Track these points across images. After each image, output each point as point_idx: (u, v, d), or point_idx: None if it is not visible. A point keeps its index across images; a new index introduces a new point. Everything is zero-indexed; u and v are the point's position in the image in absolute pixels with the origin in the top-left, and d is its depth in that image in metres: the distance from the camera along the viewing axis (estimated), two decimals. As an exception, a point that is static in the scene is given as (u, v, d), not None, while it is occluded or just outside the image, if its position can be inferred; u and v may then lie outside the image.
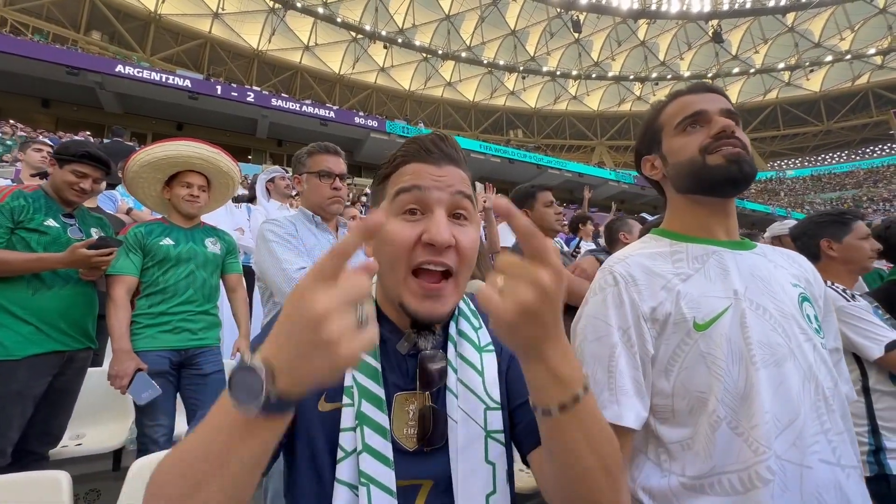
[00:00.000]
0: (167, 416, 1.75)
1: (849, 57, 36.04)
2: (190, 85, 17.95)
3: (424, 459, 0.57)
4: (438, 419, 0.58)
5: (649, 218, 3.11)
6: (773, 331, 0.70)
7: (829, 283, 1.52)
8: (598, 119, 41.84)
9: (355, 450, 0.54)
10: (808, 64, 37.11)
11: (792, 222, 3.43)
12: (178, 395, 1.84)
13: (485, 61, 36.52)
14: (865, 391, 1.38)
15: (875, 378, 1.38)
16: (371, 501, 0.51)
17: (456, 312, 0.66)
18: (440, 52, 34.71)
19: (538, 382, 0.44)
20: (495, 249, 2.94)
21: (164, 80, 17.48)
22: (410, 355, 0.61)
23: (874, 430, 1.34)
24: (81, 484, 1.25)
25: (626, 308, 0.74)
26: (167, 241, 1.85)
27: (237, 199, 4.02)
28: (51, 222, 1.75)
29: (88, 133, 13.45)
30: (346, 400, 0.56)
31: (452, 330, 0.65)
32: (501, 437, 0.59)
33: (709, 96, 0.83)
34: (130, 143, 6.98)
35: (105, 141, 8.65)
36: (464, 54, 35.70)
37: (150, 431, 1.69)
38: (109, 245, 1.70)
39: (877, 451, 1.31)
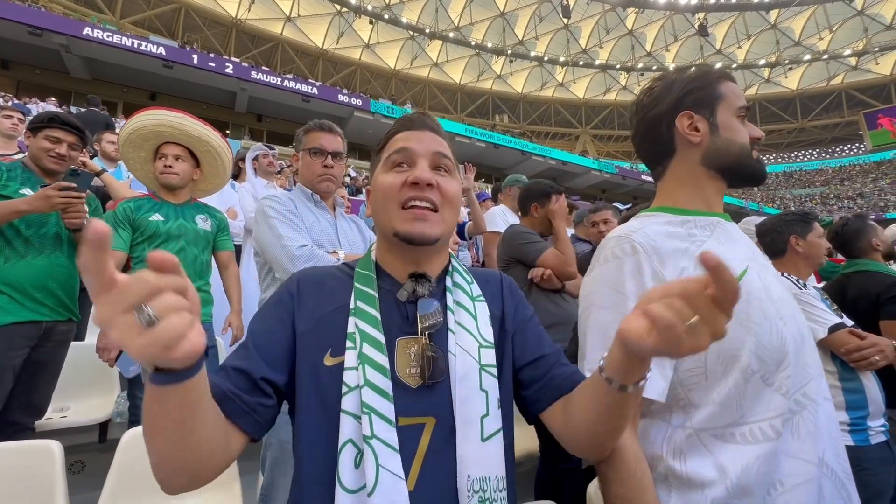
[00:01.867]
0: None
1: (826, 57, 37.05)
2: (164, 52, 17.06)
3: (427, 395, 0.64)
4: (437, 357, 0.65)
5: (622, 207, 3.21)
6: (780, 290, 0.77)
7: (784, 274, 1.67)
8: (583, 107, 41.98)
9: (358, 385, 0.60)
10: (787, 62, 37.98)
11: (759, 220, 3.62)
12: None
13: (473, 43, 35.93)
14: None
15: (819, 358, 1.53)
16: (373, 428, 0.57)
17: (450, 268, 0.76)
18: (427, 30, 33.92)
19: (629, 367, 0.51)
20: (480, 230, 2.98)
21: (136, 45, 16.55)
22: (410, 302, 0.69)
23: None
24: (67, 455, 1.28)
25: (646, 277, 0.73)
26: (157, 217, 1.83)
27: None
28: (27, 191, 1.71)
29: (53, 99, 12.69)
30: (348, 344, 0.63)
31: (448, 283, 0.74)
32: (493, 370, 0.67)
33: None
34: (105, 113, 6.64)
35: (80, 110, 8.20)
36: (451, 34, 34.99)
37: (142, 403, 1.71)
38: (81, 178, 1.68)
39: None
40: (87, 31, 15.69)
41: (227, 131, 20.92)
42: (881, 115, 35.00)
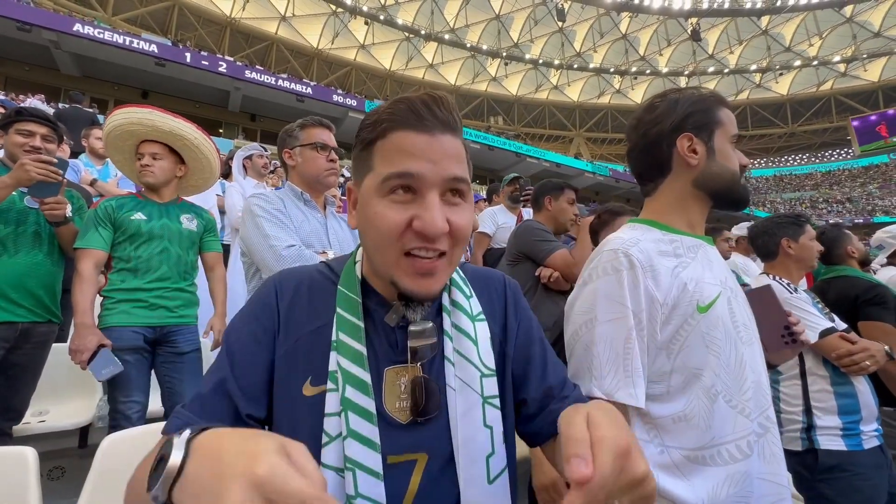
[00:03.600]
0: (141, 393, 1.71)
1: (815, 63, 37.59)
2: (157, 50, 16.89)
3: (418, 431, 0.57)
4: (431, 390, 0.57)
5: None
6: (745, 314, 0.83)
7: (776, 277, 1.68)
8: (577, 110, 42.21)
9: (340, 434, 0.53)
10: (778, 67, 38.49)
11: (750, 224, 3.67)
12: (152, 372, 1.81)
13: (468, 45, 35.99)
14: (802, 374, 1.54)
15: (811, 362, 1.54)
16: (357, 485, 0.50)
17: (448, 283, 0.64)
18: (423, 32, 33.93)
19: None
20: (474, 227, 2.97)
21: (128, 43, 16.36)
22: (400, 327, 0.60)
23: (807, 410, 1.50)
24: (45, 461, 1.23)
25: (641, 292, 0.76)
26: (139, 216, 1.79)
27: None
28: None
29: (42, 96, 12.51)
30: (330, 385, 0.55)
31: (445, 300, 0.64)
32: (496, 401, 0.61)
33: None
34: (90, 110, 6.53)
35: (62, 106, 8.06)
36: (447, 36, 35.03)
37: (122, 408, 1.66)
38: (59, 164, 1.67)
39: (808, 429, 1.48)
40: (77, 27, 15.49)
41: (221, 130, 20.76)
42: (882, 123, 35.57)
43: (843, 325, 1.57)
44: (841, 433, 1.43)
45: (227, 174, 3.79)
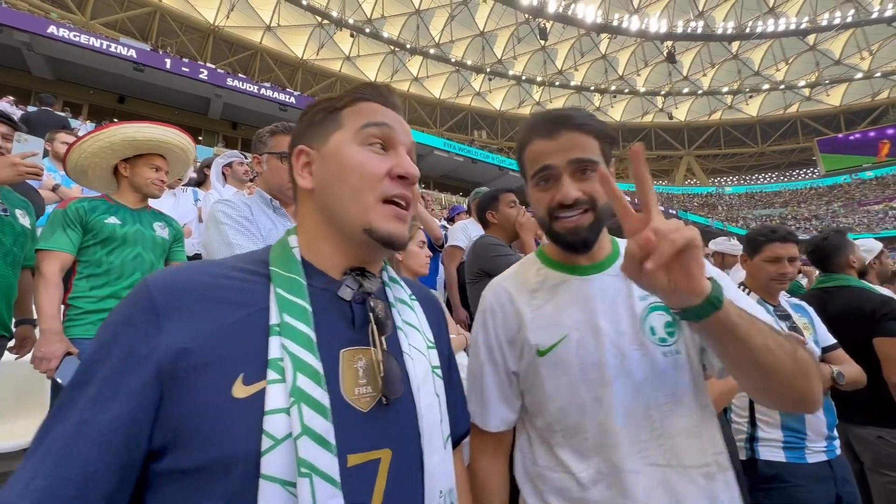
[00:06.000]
0: None
1: (782, 87, 39.61)
2: (135, 55, 16.56)
3: (381, 420, 0.51)
4: (394, 367, 0.54)
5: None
6: (608, 353, 0.74)
7: (745, 289, 1.70)
8: (559, 126, 43.11)
9: (289, 435, 0.43)
10: (748, 90, 40.37)
11: (738, 245, 3.70)
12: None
13: (452, 59, 36.56)
14: None
15: None
16: (315, 496, 0.41)
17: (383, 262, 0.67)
18: (408, 46, 34.33)
19: None
20: (436, 236, 2.92)
21: (104, 46, 16.00)
22: (357, 302, 0.56)
23: (752, 421, 1.51)
24: None
25: (490, 332, 0.85)
26: (113, 220, 1.72)
27: (185, 182, 3.77)
28: None
29: (11, 98, 12.03)
30: (272, 375, 0.45)
31: (385, 277, 0.65)
32: (440, 371, 0.61)
33: (560, 141, 0.76)
34: (61, 114, 6.31)
35: (31, 109, 7.78)
36: (432, 51, 35.52)
37: None
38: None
39: (751, 439, 1.50)
40: (51, 29, 15.09)
41: (200, 138, 20.38)
42: (884, 140, 36.96)
43: (807, 338, 1.55)
44: (782, 445, 1.44)
45: (200, 182, 3.67)
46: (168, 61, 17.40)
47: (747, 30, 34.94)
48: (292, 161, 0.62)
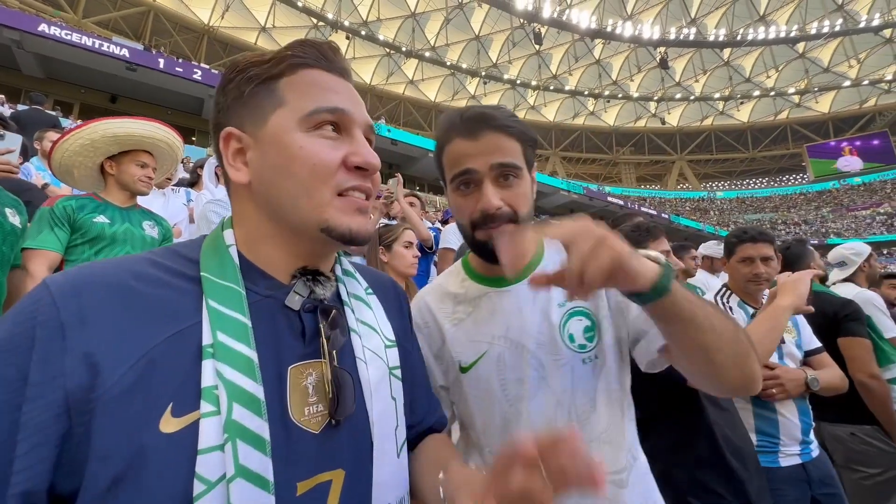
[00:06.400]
0: None
1: (773, 94, 40.20)
2: (128, 54, 16.40)
3: (333, 441, 0.47)
4: (346, 383, 0.48)
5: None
6: (528, 366, 0.73)
7: (725, 292, 1.72)
8: (553, 130, 43.41)
9: (223, 477, 0.37)
10: (739, 96, 40.91)
11: (714, 244, 3.77)
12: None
13: (448, 63, 36.67)
14: None
15: None
16: None
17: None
18: (404, 48, 34.39)
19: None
20: (423, 237, 2.91)
21: (97, 45, 15.84)
22: (306, 310, 0.50)
23: None
24: None
25: (423, 347, 0.79)
26: (101, 219, 1.70)
27: (177, 183, 3.74)
28: None
29: (2, 97, 11.88)
30: (206, 407, 0.39)
31: (338, 271, 0.59)
32: (398, 372, 0.57)
33: (482, 142, 0.72)
34: (52, 113, 6.24)
35: (21, 107, 7.68)
36: (427, 54, 35.61)
37: None
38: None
39: None
40: (42, 27, 14.92)
41: (194, 138, 20.24)
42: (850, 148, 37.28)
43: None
44: (755, 449, 1.45)
45: (193, 183, 3.65)
46: (161, 61, 17.26)
47: (738, 37, 35.44)
48: (219, 147, 0.51)
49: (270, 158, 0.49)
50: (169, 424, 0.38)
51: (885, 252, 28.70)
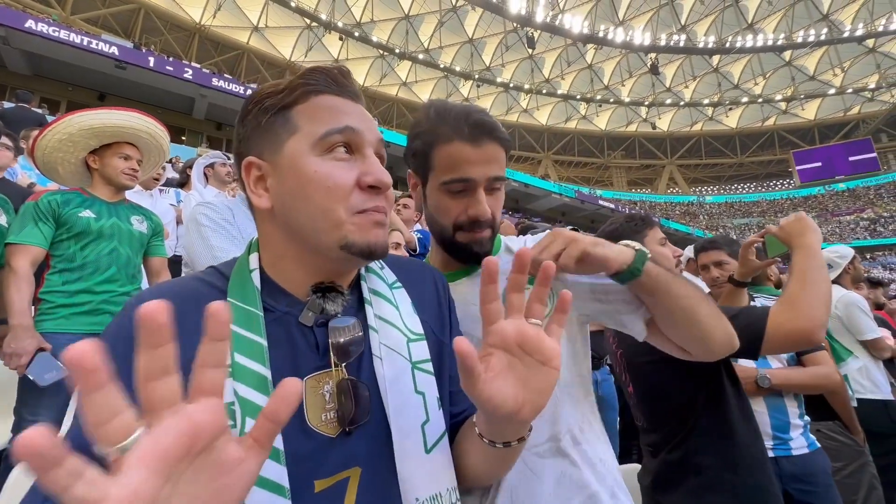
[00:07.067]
0: (52, 411, 1.51)
1: (760, 100, 40.96)
2: (117, 52, 16.19)
3: (350, 442, 0.50)
4: (359, 393, 0.51)
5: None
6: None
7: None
8: (546, 133, 43.72)
9: None
10: (727, 102, 41.62)
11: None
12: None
13: (441, 65, 36.78)
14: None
15: None
16: None
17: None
18: (397, 50, 34.42)
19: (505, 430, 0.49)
20: (406, 240, 2.92)
21: (85, 43, 15.62)
22: (319, 325, 0.53)
23: None
24: None
25: None
26: (87, 214, 1.67)
27: (166, 183, 3.70)
28: None
29: (-15, 93, 11.66)
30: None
31: (361, 269, 0.61)
32: (428, 366, 0.56)
33: (484, 152, 0.74)
34: (39, 111, 6.15)
35: (6, 105, 7.55)
36: (421, 56, 35.69)
37: (28, 427, 1.49)
38: None
39: None
40: (29, 23, 14.67)
41: (183, 137, 20.03)
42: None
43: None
44: None
45: (183, 183, 3.62)
46: (151, 59, 17.07)
47: (727, 44, 36.08)
48: (242, 176, 0.55)
49: (288, 183, 0.52)
50: None
51: (868, 256, 29.33)
